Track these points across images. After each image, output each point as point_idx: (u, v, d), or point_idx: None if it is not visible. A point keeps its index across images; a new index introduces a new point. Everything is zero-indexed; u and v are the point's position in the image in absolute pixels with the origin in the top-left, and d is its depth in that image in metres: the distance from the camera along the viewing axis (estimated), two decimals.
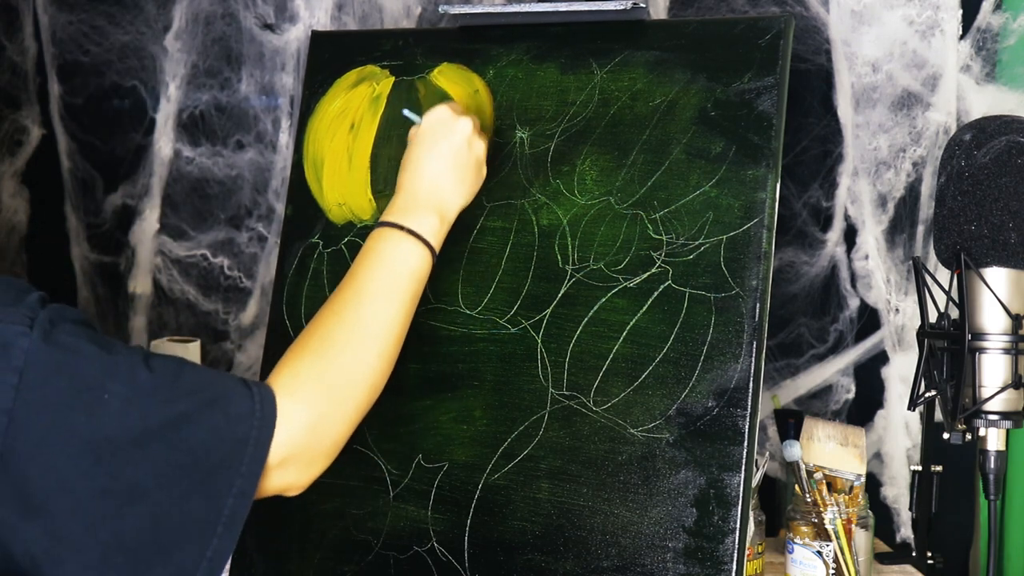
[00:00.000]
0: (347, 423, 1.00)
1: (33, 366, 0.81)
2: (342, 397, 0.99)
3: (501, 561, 1.19)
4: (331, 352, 1.00)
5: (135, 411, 0.84)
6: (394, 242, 1.10)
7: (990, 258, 1.28)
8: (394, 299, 1.07)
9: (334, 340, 1.01)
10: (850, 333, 1.71)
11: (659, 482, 1.14)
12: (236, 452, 0.88)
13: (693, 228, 1.18)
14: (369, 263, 1.09)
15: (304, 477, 0.97)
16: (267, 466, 0.90)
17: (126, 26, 1.73)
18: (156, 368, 0.86)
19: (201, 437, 0.86)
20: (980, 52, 1.64)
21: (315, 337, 1.01)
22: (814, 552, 1.37)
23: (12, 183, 1.76)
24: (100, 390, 0.83)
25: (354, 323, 1.03)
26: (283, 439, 0.92)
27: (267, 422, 0.90)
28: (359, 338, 1.03)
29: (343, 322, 1.03)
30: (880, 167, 1.68)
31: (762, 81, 1.19)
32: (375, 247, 1.10)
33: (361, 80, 1.40)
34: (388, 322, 1.05)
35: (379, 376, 1.04)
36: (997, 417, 1.28)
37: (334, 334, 1.02)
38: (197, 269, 1.76)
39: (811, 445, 1.43)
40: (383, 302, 1.06)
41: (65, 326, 0.84)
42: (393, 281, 1.08)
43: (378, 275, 1.08)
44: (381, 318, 1.05)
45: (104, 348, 0.85)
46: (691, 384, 1.15)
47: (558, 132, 1.28)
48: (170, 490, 0.85)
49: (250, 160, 1.75)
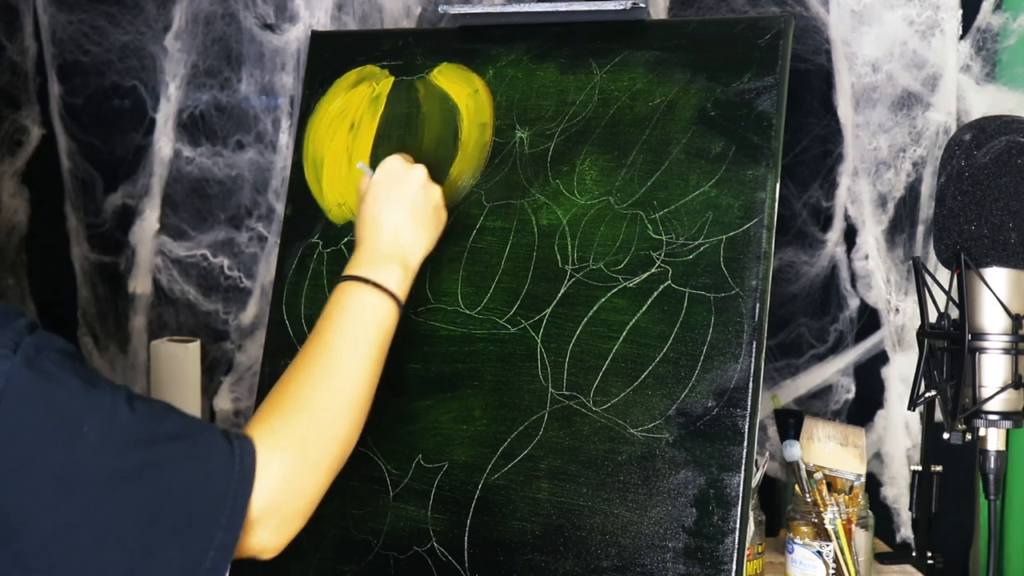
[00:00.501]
0: (321, 479, 0.98)
1: (12, 390, 0.80)
2: (316, 452, 0.97)
3: (501, 561, 1.19)
4: (303, 408, 0.99)
5: (112, 449, 0.83)
6: (359, 296, 1.10)
7: (990, 258, 1.27)
8: (361, 352, 1.06)
9: (305, 396, 1.00)
10: (850, 333, 1.71)
11: (659, 482, 1.14)
12: (217, 504, 0.87)
13: (693, 228, 1.18)
14: (336, 317, 1.08)
15: (280, 537, 0.95)
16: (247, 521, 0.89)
17: (126, 26, 1.73)
18: (139, 409, 0.85)
19: (181, 484, 0.85)
20: (980, 52, 1.64)
21: (286, 393, 1.00)
22: (814, 552, 1.37)
23: (12, 183, 1.76)
24: (79, 422, 0.82)
25: (322, 378, 1.02)
26: (262, 493, 0.90)
27: (246, 476, 0.89)
28: (329, 394, 1.02)
29: (312, 378, 1.02)
30: (880, 167, 1.68)
31: (762, 81, 1.19)
32: (340, 301, 1.09)
33: (361, 80, 1.40)
34: (356, 376, 1.05)
35: (350, 429, 1.03)
36: (997, 417, 1.28)
37: (304, 390, 1.01)
38: (197, 269, 1.76)
39: (811, 445, 1.43)
40: (350, 356, 1.05)
41: (51, 355, 0.84)
42: (359, 334, 1.07)
43: (345, 329, 1.07)
44: (349, 372, 1.04)
45: (87, 382, 0.84)
46: (691, 384, 1.15)
47: (558, 132, 1.28)
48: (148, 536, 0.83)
49: (250, 160, 1.75)
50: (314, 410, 0.99)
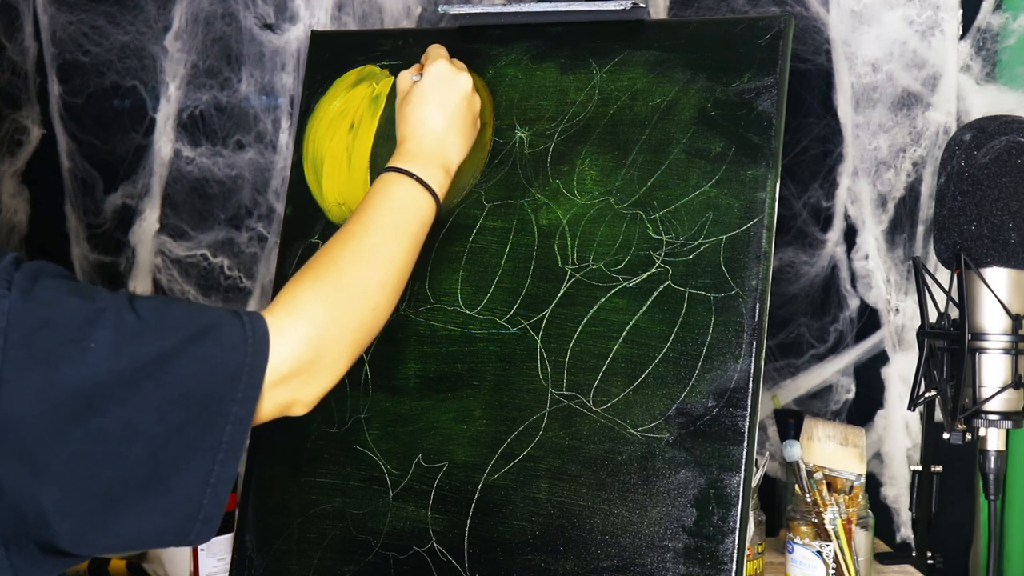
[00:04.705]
0: (348, 340, 1.00)
1: (15, 325, 0.82)
2: (343, 313, 1.00)
3: (501, 561, 1.19)
4: (332, 274, 1.01)
5: (123, 354, 0.84)
6: (402, 186, 1.12)
7: (990, 258, 1.27)
8: (398, 234, 1.09)
9: (336, 264, 1.03)
10: (850, 333, 1.71)
11: (659, 482, 1.14)
12: (230, 380, 0.89)
13: (693, 228, 1.18)
14: (375, 201, 1.11)
15: (308, 393, 0.98)
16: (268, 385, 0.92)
17: (126, 26, 1.73)
18: (141, 309, 0.87)
19: (191, 370, 0.87)
20: (980, 52, 1.64)
21: (317, 262, 1.03)
22: (814, 552, 1.37)
23: (12, 183, 1.76)
24: (86, 339, 0.83)
25: (357, 250, 1.05)
26: (284, 355, 0.93)
27: (260, 347, 0.91)
28: (362, 264, 1.04)
29: (346, 249, 1.05)
30: (880, 167, 1.68)
31: (762, 81, 1.19)
32: (381, 188, 1.12)
33: (361, 80, 1.40)
34: (391, 254, 1.07)
35: (382, 304, 1.05)
36: (997, 417, 1.28)
37: (337, 259, 1.03)
38: (197, 269, 1.76)
39: (811, 445, 1.43)
40: (387, 235, 1.08)
41: (45, 281, 0.85)
42: (398, 217, 1.10)
43: (383, 211, 1.10)
44: (384, 249, 1.07)
45: (86, 297, 0.86)
46: (691, 384, 1.15)
47: (558, 132, 1.28)
48: (165, 424, 0.86)
49: (250, 160, 1.75)
50: (343, 276, 1.02)
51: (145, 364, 0.85)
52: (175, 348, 0.87)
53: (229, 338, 0.90)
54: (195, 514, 0.89)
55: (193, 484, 0.88)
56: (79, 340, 0.83)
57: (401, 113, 1.21)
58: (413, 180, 1.13)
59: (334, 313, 0.99)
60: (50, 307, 0.84)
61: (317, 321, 0.97)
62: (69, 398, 0.83)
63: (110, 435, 0.84)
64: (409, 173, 1.13)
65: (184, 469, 0.87)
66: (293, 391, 0.95)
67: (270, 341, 0.92)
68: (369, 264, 1.05)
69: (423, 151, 1.16)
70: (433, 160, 1.16)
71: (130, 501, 0.86)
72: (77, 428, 0.83)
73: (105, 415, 0.84)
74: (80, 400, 0.83)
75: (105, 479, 0.85)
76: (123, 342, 0.85)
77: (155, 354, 0.86)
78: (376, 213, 1.09)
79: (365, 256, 1.05)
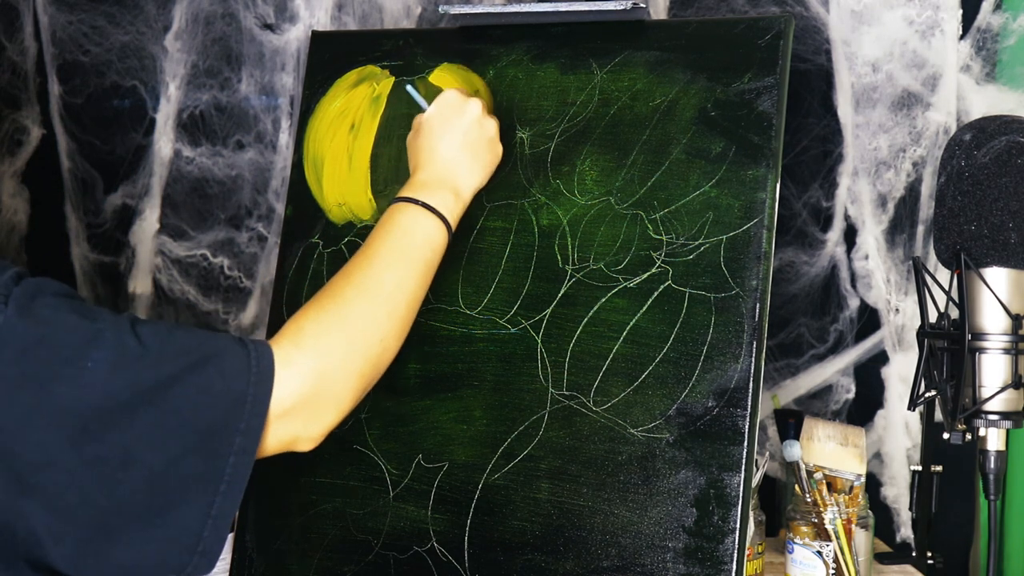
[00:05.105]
0: (355, 375, 0.98)
1: (9, 342, 0.80)
2: (350, 347, 0.98)
3: (501, 561, 1.19)
4: (340, 307, 0.99)
5: (122, 378, 0.82)
6: (411, 214, 1.11)
7: (990, 258, 1.28)
8: (407, 263, 1.07)
9: (343, 295, 1.01)
10: (850, 333, 1.71)
11: (659, 482, 1.14)
12: (234, 410, 0.87)
13: (693, 228, 1.18)
14: (381, 231, 1.10)
15: (314, 429, 0.95)
16: (271, 418, 0.90)
17: (126, 26, 1.73)
18: (143, 333, 0.85)
19: (192, 398, 0.85)
20: (980, 52, 1.64)
21: (324, 295, 1.01)
22: (814, 552, 1.37)
23: (12, 183, 1.76)
24: (83, 359, 0.82)
25: (363, 280, 1.03)
26: (289, 389, 0.91)
27: (264, 377, 0.89)
28: (369, 296, 1.02)
29: (352, 280, 1.03)
30: (880, 167, 1.68)
31: (762, 81, 1.19)
32: (391, 218, 1.11)
33: (361, 80, 1.40)
34: (400, 284, 1.05)
35: (391, 336, 1.03)
36: (997, 417, 1.28)
37: (344, 292, 1.02)
38: (197, 269, 1.76)
39: (811, 445, 1.43)
40: (396, 265, 1.06)
41: (44, 299, 0.83)
42: (407, 247, 1.09)
43: (392, 241, 1.08)
44: (393, 279, 1.05)
45: (86, 317, 0.84)
46: (691, 384, 1.15)
47: (558, 132, 1.28)
48: (164, 453, 0.84)
49: (250, 160, 1.75)
50: (351, 310, 1.00)
51: (144, 390, 0.83)
52: (176, 375, 0.84)
53: (232, 366, 0.88)
54: (194, 547, 0.86)
55: (193, 516, 0.86)
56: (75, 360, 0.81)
57: (411, 146, 1.21)
58: (420, 207, 1.12)
59: (341, 345, 0.97)
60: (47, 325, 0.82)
61: (323, 353, 0.95)
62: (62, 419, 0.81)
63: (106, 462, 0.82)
64: (415, 200, 1.12)
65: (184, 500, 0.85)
66: (298, 426, 0.93)
67: (275, 372, 0.90)
68: (376, 294, 1.03)
69: (432, 178, 1.16)
70: (442, 186, 1.15)
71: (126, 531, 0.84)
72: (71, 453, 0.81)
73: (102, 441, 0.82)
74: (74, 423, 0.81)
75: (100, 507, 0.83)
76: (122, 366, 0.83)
77: (155, 380, 0.83)
78: (382, 242, 1.08)
79: (371, 286, 1.03)
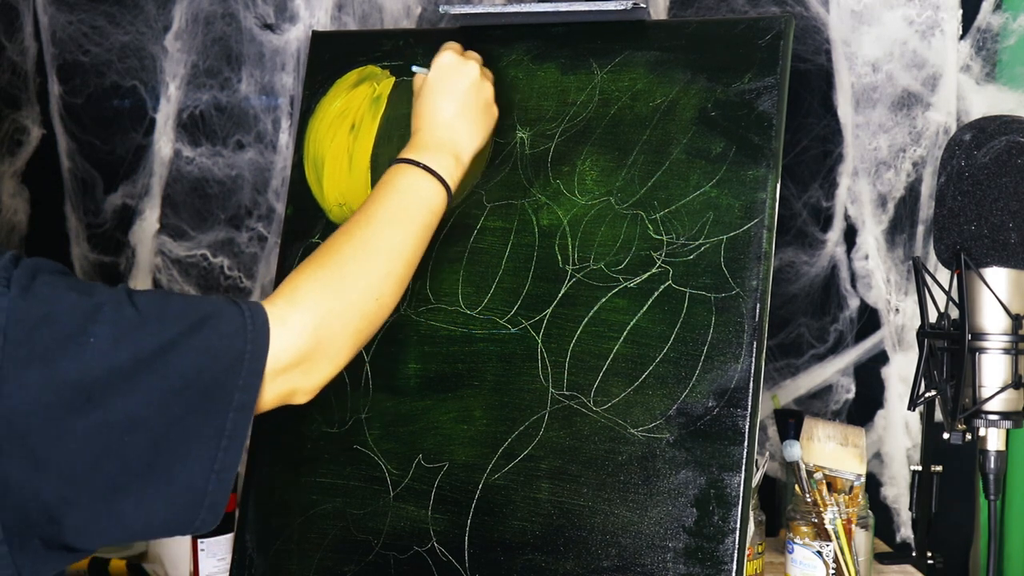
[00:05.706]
0: (352, 329, 1.00)
1: (15, 323, 0.82)
2: (345, 302, 1.00)
3: (501, 561, 1.19)
4: (335, 263, 1.01)
5: (124, 349, 0.85)
6: (410, 176, 1.12)
7: (990, 258, 1.28)
8: (405, 223, 1.08)
9: (340, 253, 1.03)
10: (850, 333, 1.71)
11: (659, 482, 1.14)
12: (231, 367, 0.89)
13: (693, 228, 1.18)
14: (381, 191, 1.11)
15: (310, 382, 0.98)
16: (269, 374, 0.92)
17: (126, 26, 1.73)
18: (140, 303, 0.88)
19: (191, 360, 0.87)
20: (980, 52, 1.64)
21: (322, 253, 1.03)
22: (814, 552, 1.37)
23: (12, 183, 1.76)
24: (85, 334, 0.84)
25: (360, 240, 1.05)
26: (285, 344, 0.93)
27: (260, 334, 0.92)
28: (366, 253, 1.04)
29: (350, 239, 1.04)
30: (880, 167, 1.68)
31: (762, 81, 1.19)
32: (388, 179, 1.12)
33: (361, 80, 1.40)
34: (397, 243, 1.07)
35: (387, 294, 1.05)
36: (997, 417, 1.28)
37: (340, 249, 1.03)
38: (197, 269, 1.76)
39: (811, 445, 1.43)
40: (395, 225, 1.08)
41: (43, 277, 0.86)
42: (406, 207, 1.10)
43: (389, 200, 1.09)
44: (391, 238, 1.07)
45: (85, 293, 0.86)
46: (691, 384, 1.15)
47: (558, 132, 1.28)
48: (167, 414, 0.86)
49: (250, 160, 1.75)
50: (347, 268, 1.02)
51: (145, 356, 0.86)
52: (174, 339, 0.87)
53: (228, 326, 0.90)
54: (200, 501, 0.89)
55: (197, 472, 0.88)
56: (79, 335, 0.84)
57: (413, 109, 1.22)
58: (420, 168, 1.12)
59: (336, 302, 0.99)
60: (49, 303, 0.84)
61: (318, 310, 0.97)
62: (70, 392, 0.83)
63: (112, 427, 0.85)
64: (415, 162, 1.13)
65: (187, 457, 0.88)
66: (295, 380, 0.96)
67: (271, 330, 0.92)
68: (373, 253, 1.04)
69: (432, 140, 1.17)
70: (442, 148, 1.16)
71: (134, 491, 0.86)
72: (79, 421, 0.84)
73: (106, 408, 0.84)
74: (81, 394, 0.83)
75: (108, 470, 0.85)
76: (122, 335, 0.85)
77: (155, 346, 0.86)
78: (381, 203, 1.09)
79: (369, 245, 1.05)
